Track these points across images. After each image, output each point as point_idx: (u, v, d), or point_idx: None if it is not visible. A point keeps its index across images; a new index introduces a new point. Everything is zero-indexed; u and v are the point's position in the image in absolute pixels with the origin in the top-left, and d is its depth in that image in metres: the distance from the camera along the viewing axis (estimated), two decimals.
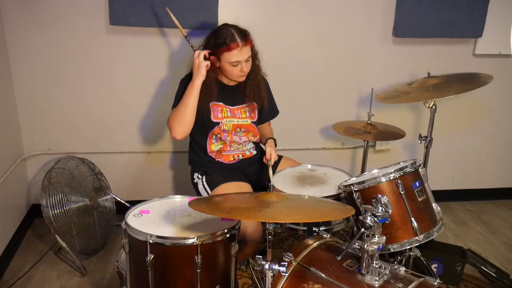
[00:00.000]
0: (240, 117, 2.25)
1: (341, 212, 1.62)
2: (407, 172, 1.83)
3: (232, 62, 2.05)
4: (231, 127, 2.22)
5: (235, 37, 2.03)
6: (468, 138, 3.16)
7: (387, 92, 2.43)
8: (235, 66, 2.07)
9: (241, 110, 2.25)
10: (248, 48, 2.07)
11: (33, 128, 2.68)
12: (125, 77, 2.65)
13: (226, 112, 2.21)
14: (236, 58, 2.04)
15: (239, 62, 2.06)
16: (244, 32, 2.07)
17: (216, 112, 2.19)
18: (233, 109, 2.23)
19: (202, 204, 1.64)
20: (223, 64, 2.08)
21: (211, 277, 1.64)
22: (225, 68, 2.09)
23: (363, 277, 1.45)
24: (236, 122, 2.23)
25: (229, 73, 2.11)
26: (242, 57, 2.05)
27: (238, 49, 2.03)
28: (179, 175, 2.90)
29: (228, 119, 2.21)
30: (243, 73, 2.10)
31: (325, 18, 2.72)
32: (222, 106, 2.20)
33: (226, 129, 2.21)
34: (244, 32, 2.07)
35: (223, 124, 2.20)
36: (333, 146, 3.00)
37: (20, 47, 2.51)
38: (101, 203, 2.54)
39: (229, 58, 2.04)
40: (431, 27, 2.73)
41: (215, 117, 2.19)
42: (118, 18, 2.45)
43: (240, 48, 2.03)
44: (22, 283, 2.25)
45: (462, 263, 2.24)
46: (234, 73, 2.10)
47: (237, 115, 2.24)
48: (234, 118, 2.23)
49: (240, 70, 2.08)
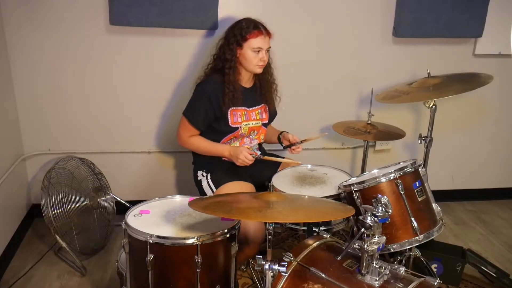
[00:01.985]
0: (255, 119, 2.28)
1: (341, 212, 1.62)
2: (407, 172, 1.83)
3: (255, 48, 2.12)
4: (247, 130, 2.26)
5: (259, 26, 2.14)
6: (468, 138, 3.16)
7: (387, 92, 2.44)
8: (257, 53, 2.13)
9: (255, 112, 2.28)
10: (269, 39, 2.16)
11: (33, 128, 2.68)
12: (125, 77, 2.65)
13: (243, 116, 2.24)
14: (259, 44, 2.12)
15: (261, 50, 2.13)
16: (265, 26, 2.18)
17: (236, 117, 2.21)
18: (249, 110, 2.26)
19: (202, 204, 1.64)
20: (244, 52, 2.14)
21: (211, 277, 1.64)
22: (246, 55, 2.14)
23: (363, 277, 1.45)
24: (251, 125, 2.27)
25: (250, 61, 2.15)
26: (265, 45, 2.14)
27: (262, 36, 2.12)
28: (179, 175, 2.90)
29: (245, 123, 2.24)
30: (262, 62, 2.16)
31: (325, 18, 2.72)
32: (241, 110, 2.22)
33: (243, 133, 2.25)
34: (265, 26, 2.18)
35: (241, 129, 2.23)
36: (333, 146, 3.00)
37: (20, 47, 2.51)
38: (101, 203, 2.54)
39: (253, 43, 2.11)
40: (431, 27, 2.73)
41: (233, 122, 2.21)
42: (118, 18, 2.45)
43: (264, 35, 2.13)
44: (22, 283, 2.26)
45: (462, 263, 2.24)
46: (254, 61, 2.15)
47: (252, 117, 2.27)
48: (249, 121, 2.26)
49: (261, 59, 2.14)
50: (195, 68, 2.59)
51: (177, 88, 2.68)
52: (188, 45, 2.63)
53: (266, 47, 2.15)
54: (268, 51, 2.18)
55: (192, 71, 2.61)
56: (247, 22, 2.14)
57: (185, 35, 2.59)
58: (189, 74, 2.64)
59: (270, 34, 2.17)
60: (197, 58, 2.62)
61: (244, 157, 2.12)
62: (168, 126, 2.75)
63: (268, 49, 2.18)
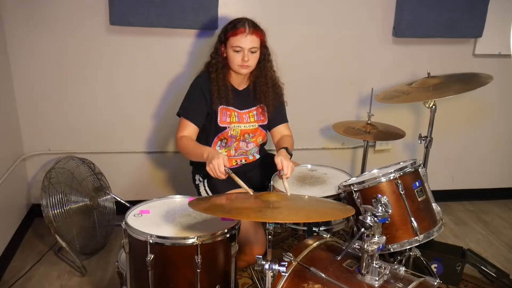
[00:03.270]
0: (248, 122, 2.21)
1: (341, 212, 1.62)
2: (407, 172, 1.82)
3: (234, 47, 2.02)
4: (239, 133, 2.18)
5: (244, 24, 2.03)
6: (468, 138, 3.16)
7: (387, 92, 2.43)
8: (237, 52, 2.03)
9: (249, 114, 2.22)
10: (254, 38, 2.03)
11: (33, 128, 2.68)
12: (125, 77, 2.65)
13: (234, 117, 2.17)
14: (238, 43, 2.01)
15: (242, 49, 2.02)
16: (256, 25, 2.08)
17: (225, 117, 2.15)
18: (242, 113, 2.19)
19: (202, 204, 1.64)
20: (227, 51, 2.07)
21: (211, 277, 1.63)
22: (229, 55, 2.07)
23: (363, 277, 1.45)
24: (243, 128, 2.19)
25: (231, 60, 2.07)
26: (246, 44, 2.02)
27: (243, 34, 2.01)
28: (179, 175, 2.90)
29: (235, 124, 2.17)
30: (244, 63, 2.05)
31: (325, 18, 2.72)
32: (231, 110, 2.16)
33: (233, 135, 2.18)
34: (256, 24, 2.08)
35: (230, 129, 2.16)
36: (333, 146, 3.00)
37: (20, 47, 2.51)
38: (101, 203, 2.54)
39: (233, 42, 2.02)
40: (431, 27, 2.73)
41: (222, 121, 2.14)
42: (118, 18, 2.45)
43: (246, 34, 2.01)
44: (22, 283, 2.26)
45: (462, 263, 2.24)
46: (236, 61, 2.06)
47: (245, 119, 2.20)
48: (241, 124, 2.19)
49: (242, 58, 2.04)
50: (195, 68, 2.58)
51: (177, 88, 2.68)
52: (188, 45, 2.63)
53: (247, 46, 2.02)
54: (253, 52, 2.05)
55: (192, 71, 2.61)
56: (235, 20, 2.06)
57: (185, 35, 2.59)
58: (189, 74, 2.64)
59: (257, 33, 2.04)
60: (197, 58, 2.62)
61: (217, 164, 1.81)
62: (168, 126, 2.75)
63: (253, 50, 2.04)
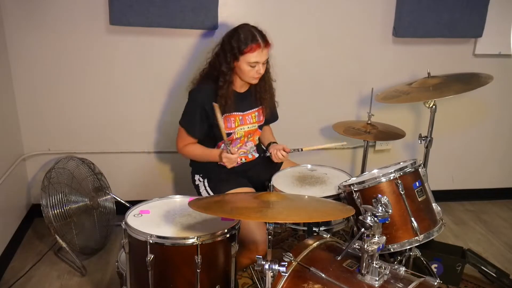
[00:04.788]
0: (251, 122, 2.23)
1: (341, 212, 1.62)
2: (407, 172, 1.83)
3: (251, 63, 2.02)
4: (243, 134, 2.21)
5: (257, 38, 2.01)
6: (468, 138, 3.16)
7: (387, 92, 2.43)
8: (253, 67, 2.05)
9: (251, 115, 2.23)
10: (267, 51, 2.05)
11: (33, 128, 2.68)
12: (125, 77, 2.65)
13: (238, 121, 2.18)
14: (255, 59, 2.02)
15: (257, 63, 2.04)
16: (263, 34, 2.07)
17: (229, 123, 2.15)
18: (244, 115, 2.20)
19: (202, 204, 1.64)
20: (240, 64, 2.04)
21: (211, 277, 1.63)
22: (242, 68, 2.05)
23: (363, 277, 1.45)
24: (247, 129, 2.21)
25: (245, 74, 2.07)
26: (262, 58, 2.03)
27: (259, 50, 2.01)
28: (179, 175, 2.90)
29: (239, 127, 2.18)
30: (258, 75, 2.09)
31: (325, 18, 2.72)
32: (234, 115, 2.16)
33: (238, 137, 2.20)
34: (263, 34, 2.06)
35: (235, 133, 2.18)
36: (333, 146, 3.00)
37: (20, 47, 2.51)
38: (101, 203, 2.54)
39: (249, 58, 2.01)
40: (431, 27, 2.73)
41: (227, 128, 2.14)
42: (118, 18, 2.44)
43: (261, 49, 2.02)
44: (22, 283, 2.26)
45: (462, 263, 2.24)
46: (250, 74, 2.07)
47: (248, 120, 2.21)
48: (245, 125, 2.20)
49: (257, 71, 2.06)
50: (195, 68, 2.58)
51: (177, 87, 2.68)
52: (188, 45, 2.63)
53: (263, 60, 2.04)
54: (265, 63, 2.08)
55: (192, 71, 2.61)
56: (245, 33, 2.02)
57: (185, 35, 2.59)
58: (189, 74, 2.63)
59: (269, 45, 2.05)
60: (197, 58, 2.61)
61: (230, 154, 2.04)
62: (168, 126, 2.75)
63: (266, 61, 2.08)
